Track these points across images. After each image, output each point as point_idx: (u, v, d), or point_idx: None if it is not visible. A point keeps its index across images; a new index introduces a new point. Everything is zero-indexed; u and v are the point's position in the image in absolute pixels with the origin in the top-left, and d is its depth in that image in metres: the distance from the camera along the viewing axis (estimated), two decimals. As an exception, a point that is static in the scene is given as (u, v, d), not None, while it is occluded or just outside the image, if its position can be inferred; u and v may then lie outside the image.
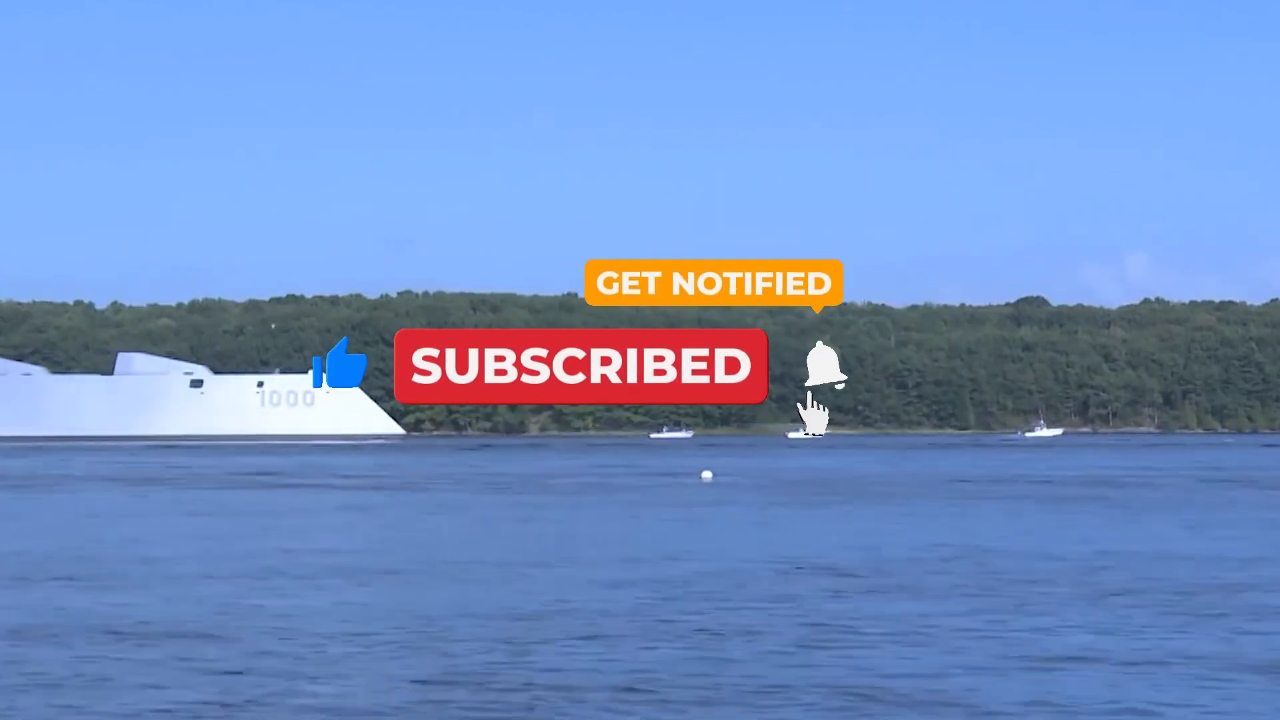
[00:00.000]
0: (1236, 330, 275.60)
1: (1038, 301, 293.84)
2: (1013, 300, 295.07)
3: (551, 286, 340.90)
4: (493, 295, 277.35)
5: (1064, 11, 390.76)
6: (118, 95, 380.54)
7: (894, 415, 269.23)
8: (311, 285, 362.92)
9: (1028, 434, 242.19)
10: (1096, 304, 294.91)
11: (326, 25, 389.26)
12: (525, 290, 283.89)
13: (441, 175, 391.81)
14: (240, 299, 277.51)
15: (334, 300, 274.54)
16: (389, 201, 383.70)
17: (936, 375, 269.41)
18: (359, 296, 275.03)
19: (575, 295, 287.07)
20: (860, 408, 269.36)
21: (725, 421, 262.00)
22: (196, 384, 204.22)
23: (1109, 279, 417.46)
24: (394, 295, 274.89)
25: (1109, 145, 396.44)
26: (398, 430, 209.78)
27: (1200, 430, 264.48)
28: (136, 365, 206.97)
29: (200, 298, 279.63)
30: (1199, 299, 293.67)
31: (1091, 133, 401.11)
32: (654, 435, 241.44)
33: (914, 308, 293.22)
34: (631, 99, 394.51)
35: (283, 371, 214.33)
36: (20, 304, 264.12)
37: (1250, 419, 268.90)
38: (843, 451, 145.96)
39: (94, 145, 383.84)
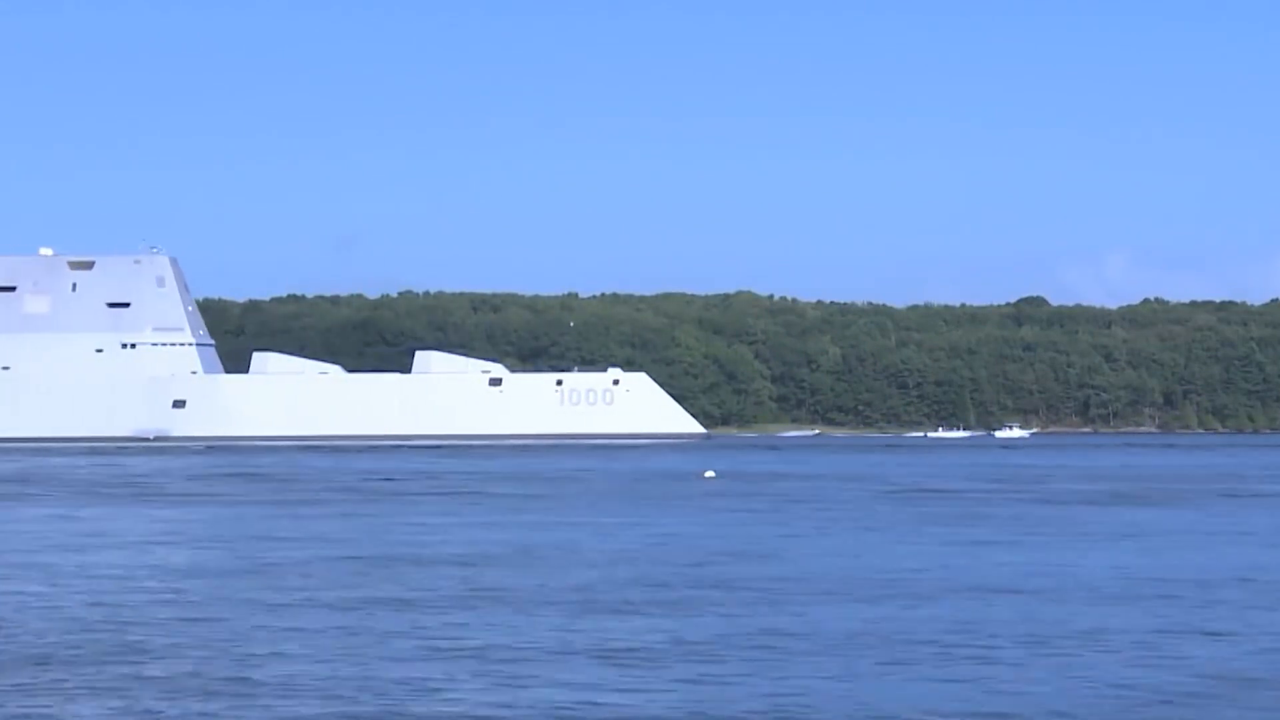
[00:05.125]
0: (1237, 330, 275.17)
1: (1038, 301, 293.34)
2: (1013, 300, 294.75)
3: (551, 286, 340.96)
4: (493, 295, 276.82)
5: (1071, 10, 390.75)
6: (118, 96, 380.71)
7: (894, 415, 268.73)
8: (311, 285, 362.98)
9: None
10: (1097, 304, 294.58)
11: (329, 27, 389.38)
12: (525, 290, 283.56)
13: (442, 176, 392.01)
14: (240, 299, 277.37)
15: (334, 300, 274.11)
16: (390, 202, 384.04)
17: (936, 375, 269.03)
18: (359, 296, 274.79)
19: (576, 295, 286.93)
20: (860, 408, 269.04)
21: (726, 422, 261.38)
22: (495, 382, 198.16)
23: (1109, 279, 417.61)
24: (394, 295, 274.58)
25: (1110, 146, 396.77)
26: (698, 429, 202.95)
27: (1202, 430, 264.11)
28: (434, 363, 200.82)
29: (200, 298, 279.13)
30: (1199, 299, 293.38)
31: (1092, 134, 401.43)
32: (930, 434, 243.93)
33: (914, 308, 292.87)
34: (632, 101, 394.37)
35: (580, 369, 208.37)
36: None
37: (1251, 419, 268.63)
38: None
39: (94, 146, 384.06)
